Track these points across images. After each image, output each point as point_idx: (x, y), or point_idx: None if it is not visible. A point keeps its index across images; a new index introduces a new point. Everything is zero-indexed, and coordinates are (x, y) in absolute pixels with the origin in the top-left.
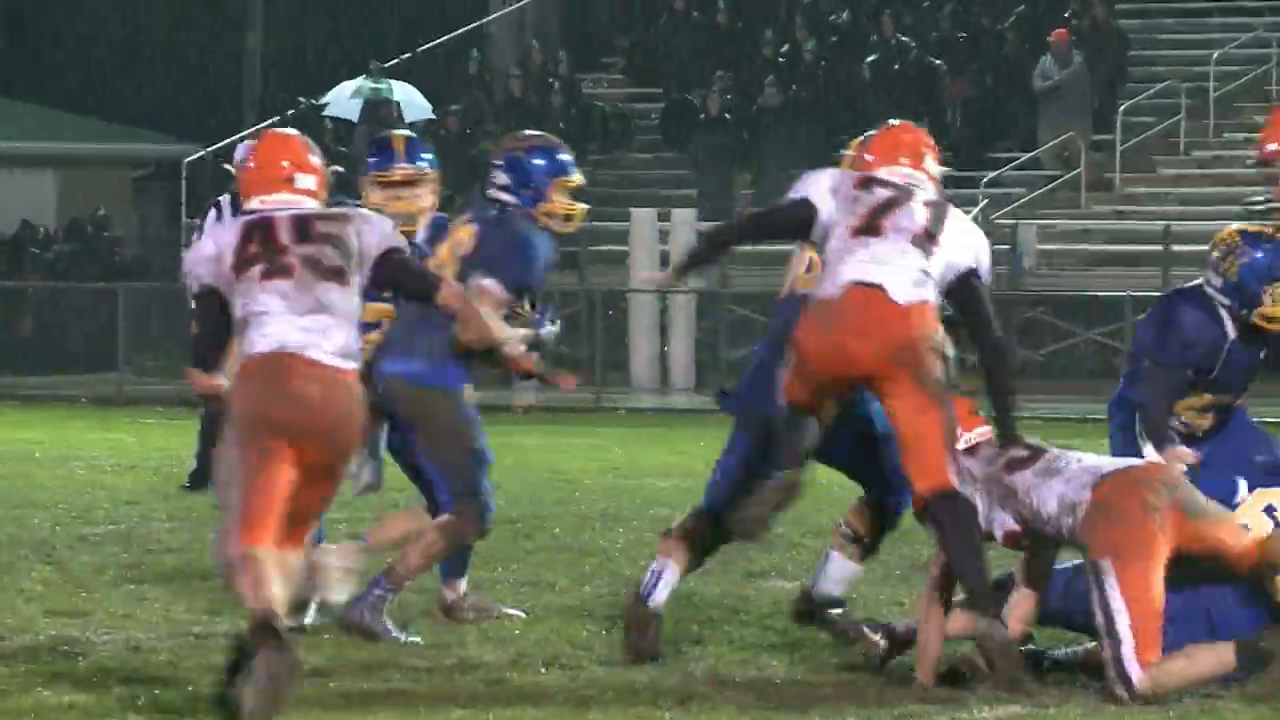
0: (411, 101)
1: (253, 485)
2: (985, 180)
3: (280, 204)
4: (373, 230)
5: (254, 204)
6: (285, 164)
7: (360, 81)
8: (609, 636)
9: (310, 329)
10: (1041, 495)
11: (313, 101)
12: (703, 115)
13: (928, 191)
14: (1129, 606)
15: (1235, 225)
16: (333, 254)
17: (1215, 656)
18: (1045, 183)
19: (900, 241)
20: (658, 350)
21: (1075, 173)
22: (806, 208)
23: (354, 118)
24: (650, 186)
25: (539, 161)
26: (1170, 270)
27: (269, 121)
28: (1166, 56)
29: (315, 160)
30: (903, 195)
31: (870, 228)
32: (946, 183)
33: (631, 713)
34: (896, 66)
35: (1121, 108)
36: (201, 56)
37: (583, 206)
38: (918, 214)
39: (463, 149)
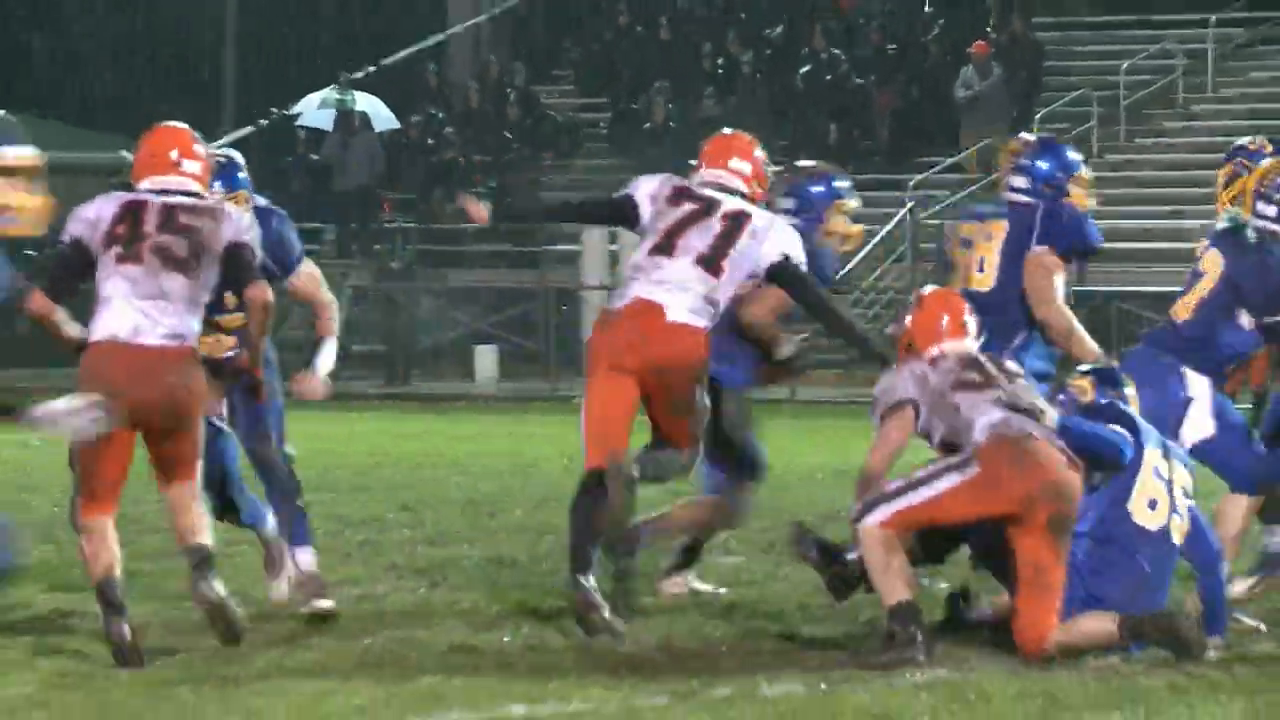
0: (378, 113)
1: (93, 465)
2: (912, 183)
3: (165, 185)
4: (229, 225)
5: (143, 185)
6: (174, 152)
7: (327, 93)
8: (567, 610)
9: (148, 312)
10: (973, 421)
11: (284, 112)
12: (647, 124)
13: (733, 201)
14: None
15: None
16: (184, 246)
17: (1100, 626)
18: (968, 185)
19: (687, 264)
20: None
21: (995, 175)
22: (631, 207)
23: (326, 127)
24: (599, 190)
25: (818, 189)
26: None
27: (245, 130)
28: (1080, 67)
29: (200, 149)
30: (703, 211)
31: (665, 247)
32: (877, 185)
33: (589, 679)
34: (828, 78)
35: (1038, 115)
36: (179, 66)
37: (859, 228)
38: (710, 232)
39: (424, 157)
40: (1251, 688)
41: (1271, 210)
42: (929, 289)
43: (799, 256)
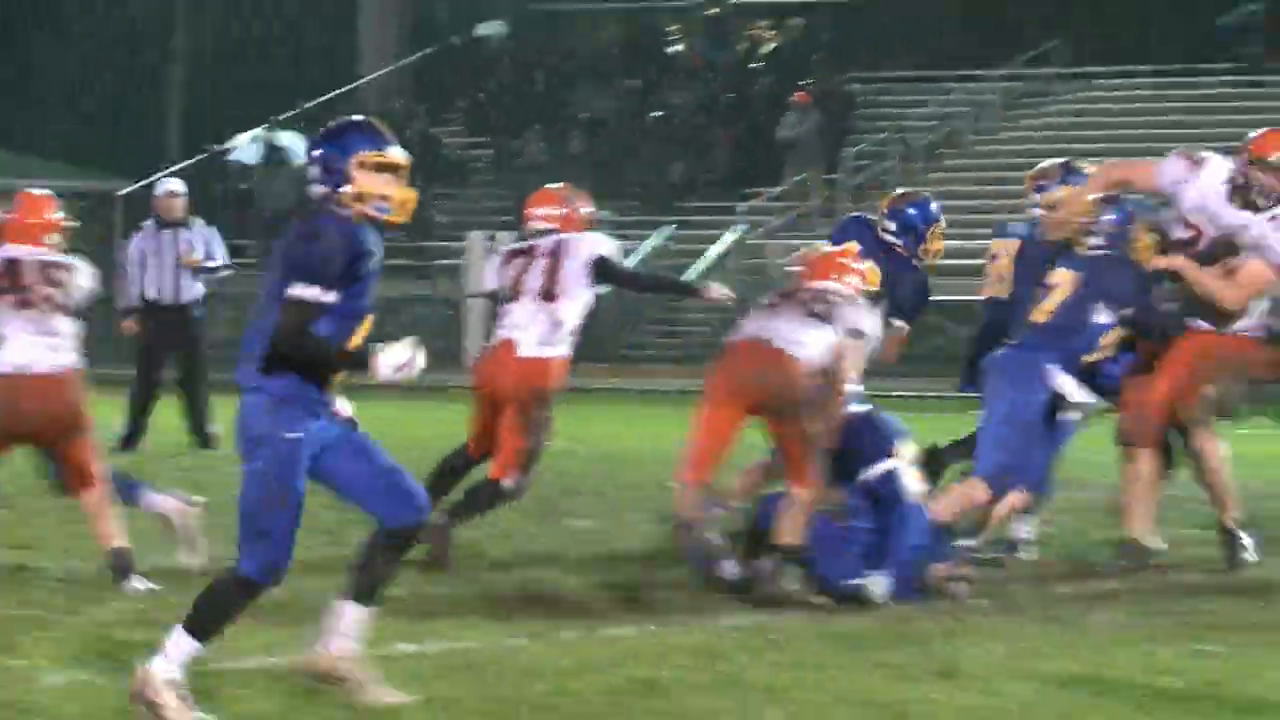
0: (297, 149)
1: None
2: (744, 210)
3: (31, 251)
4: (83, 276)
5: (11, 250)
6: (39, 221)
7: (257, 131)
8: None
9: (44, 346)
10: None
11: (216, 148)
12: (523, 159)
13: (551, 239)
14: None
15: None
16: (60, 294)
17: None
18: (790, 212)
19: (530, 303)
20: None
21: (812, 204)
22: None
23: (254, 160)
24: (484, 215)
25: (915, 212)
26: None
27: (190, 161)
28: (885, 114)
29: (58, 217)
30: (529, 257)
31: (514, 294)
32: (715, 211)
33: (464, 622)
34: (676, 121)
35: (849, 153)
36: (130, 100)
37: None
38: (538, 270)
39: None
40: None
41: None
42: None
43: (611, 251)
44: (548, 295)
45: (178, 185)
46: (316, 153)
